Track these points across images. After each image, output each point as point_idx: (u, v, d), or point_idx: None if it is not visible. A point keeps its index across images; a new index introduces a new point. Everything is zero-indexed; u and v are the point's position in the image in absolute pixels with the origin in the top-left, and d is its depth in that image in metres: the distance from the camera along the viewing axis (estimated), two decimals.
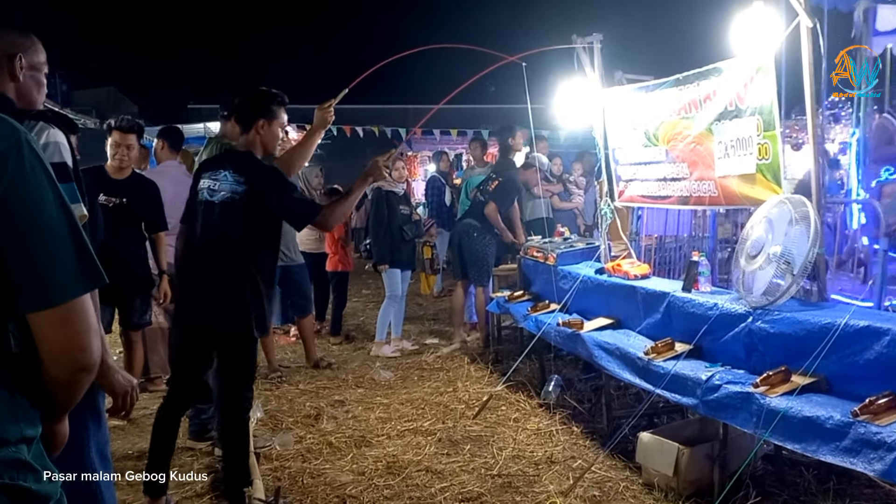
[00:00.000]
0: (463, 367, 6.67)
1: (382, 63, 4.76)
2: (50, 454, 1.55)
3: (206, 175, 3.81)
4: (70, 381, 1.52)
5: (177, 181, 6.03)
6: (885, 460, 2.75)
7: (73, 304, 1.45)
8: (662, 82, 5.09)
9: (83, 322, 1.47)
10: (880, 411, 2.92)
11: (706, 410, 3.72)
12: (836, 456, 2.95)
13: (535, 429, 4.99)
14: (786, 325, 3.60)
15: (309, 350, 6.93)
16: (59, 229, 1.45)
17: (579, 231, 9.13)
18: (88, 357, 1.50)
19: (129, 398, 2.26)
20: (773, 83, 4.09)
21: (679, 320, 4.39)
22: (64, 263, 1.45)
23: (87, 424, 2.19)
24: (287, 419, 5.33)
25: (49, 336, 1.45)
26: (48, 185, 1.46)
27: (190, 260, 3.85)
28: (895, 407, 2.94)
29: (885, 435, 2.79)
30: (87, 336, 1.48)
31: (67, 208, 1.48)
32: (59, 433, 1.64)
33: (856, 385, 3.22)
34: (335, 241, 7.99)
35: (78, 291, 1.46)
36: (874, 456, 2.80)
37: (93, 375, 1.54)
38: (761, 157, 4.22)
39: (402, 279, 7.40)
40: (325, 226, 3.83)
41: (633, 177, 5.63)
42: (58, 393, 1.54)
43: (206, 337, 3.77)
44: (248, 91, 3.95)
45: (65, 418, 1.64)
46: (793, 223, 3.72)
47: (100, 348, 1.52)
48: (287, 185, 3.74)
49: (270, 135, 3.85)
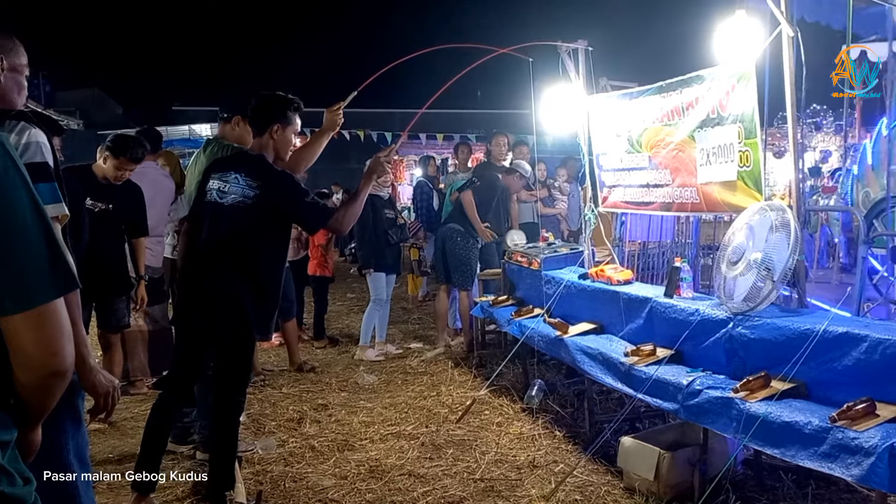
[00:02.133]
0: (447, 371, 6.66)
1: (393, 64, 4.74)
2: (23, 461, 1.53)
3: (216, 176, 3.80)
4: (42, 387, 1.49)
5: (155, 183, 6.02)
6: (863, 465, 2.77)
7: (46, 308, 1.43)
8: (646, 89, 5.12)
9: (55, 327, 1.44)
10: (858, 417, 2.94)
11: (687, 415, 3.74)
12: (815, 461, 2.97)
13: (517, 433, 4.99)
14: (766, 331, 3.62)
15: (293, 353, 6.92)
16: (32, 233, 1.43)
17: (563, 236, 9.15)
18: (60, 362, 1.47)
19: (110, 399, 2.25)
20: (754, 91, 4.13)
21: (661, 325, 4.41)
22: (36, 267, 1.43)
23: (66, 427, 2.17)
24: (270, 423, 5.31)
25: (20, 340, 1.42)
26: (22, 188, 1.44)
27: (195, 260, 3.83)
28: (872, 412, 2.96)
29: (862, 440, 2.82)
30: (59, 341, 1.45)
31: (41, 211, 1.46)
32: (32, 441, 1.61)
33: (834, 391, 3.25)
34: (317, 246, 7.97)
35: (51, 295, 1.44)
36: (852, 461, 2.83)
37: (66, 382, 1.51)
38: (742, 164, 4.25)
39: (386, 283, 7.40)
40: (340, 228, 3.85)
41: (616, 183, 5.65)
42: (30, 399, 1.51)
43: (208, 338, 3.76)
44: (265, 95, 3.95)
45: (38, 426, 1.61)
46: (773, 230, 3.75)
47: (72, 354, 1.49)
48: (300, 189, 3.74)
49: (284, 140, 3.86)
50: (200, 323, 3.75)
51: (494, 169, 7.83)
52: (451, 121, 22.66)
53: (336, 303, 9.14)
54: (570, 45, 5.76)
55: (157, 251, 6.02)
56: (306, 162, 4.40)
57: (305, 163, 4.41)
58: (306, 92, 4.22)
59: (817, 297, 5.21)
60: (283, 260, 3.90)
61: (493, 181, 7.60)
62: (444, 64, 5.13)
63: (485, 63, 5.40)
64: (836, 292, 5.39)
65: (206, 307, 3.72)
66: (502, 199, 7.65)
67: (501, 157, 8.08)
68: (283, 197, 3.67)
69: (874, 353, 3.10)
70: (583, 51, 5.75)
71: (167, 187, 6.09)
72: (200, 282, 3.75)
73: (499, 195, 7.56)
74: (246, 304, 3.67)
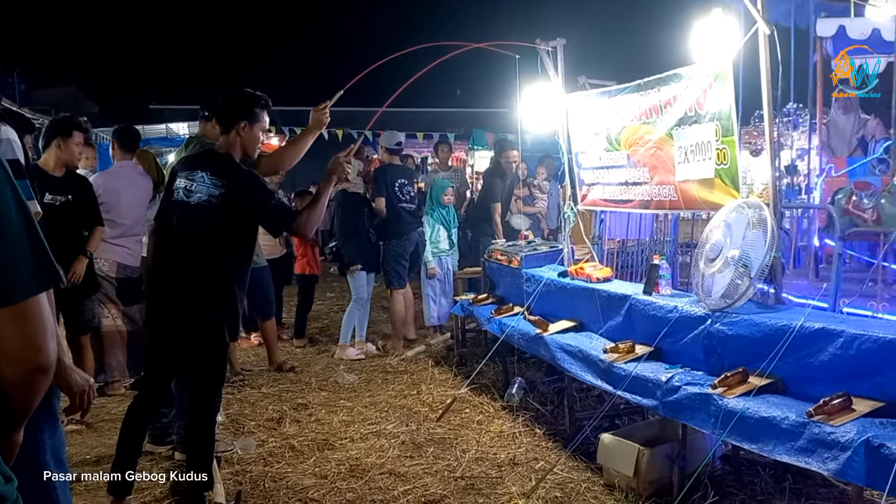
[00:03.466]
0: (427, 370, 6.67)
1: (377, 64, 4.70)
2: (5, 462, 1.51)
3: (183, 174, 3.77)
4: (26, 384, 1.49)
5: (132, 182, 5.97)
6: (839, 459, 2.81)
7: (29, 303, 1.42)
8: (624, 87, 5.14)
9: (39, 322, 1.44)
10: (834, 412, 2.98)
11: (666, 411, 3.76)
12: (792, 456, 3.00)
13: (498, 431, 5.00)
14: (743, 328, 3.65)
15: (272, 353, 6.88)
16: (16, 227, 1.42)
17: (543, 234, 9.17)
18: (44, 358, 1.46)
19: (86, 397, 2.23)
20: (731, 89, 4.16)
21: (640, 323, 4.43)
22: (21, 261, 1.42)
23: (42, 427, 2.14)
24: (249, 423, 5.28)
25: (4, 336, 1.42)
26: (5, 182, 1.43)
27: (163, 260, 3.81)
28: (848, 407, 2.99)
29: (838, 435, 2.85)
30: (43, 336, 1.45)
31: (24, 206, 1.45)
32: (15, 442, 1.60)
33: (811, 386, 3.29)
34: (305, 244, 7.93)
35: (34, 290, 1.43)
36: (828, 455, 2.86)
37: (49, 378, 1.50)
38: (720, 161, 4.28)
39: (367, 282, 7.38)
40: (303, 233, 3.78)
41: (595, 181, 5.68)
42: (14, 397, 1.50)
43: (178, 338, 3.74)
44: (232, 92, 3.92)
45: (22, 426, 1.60)
46: (750, 227, 3.78)
47: (55, 350, 1.49)
48: (266, 190, 3.71)
49: (251, 137, 3.82)
50: (171, 323, 3.73)
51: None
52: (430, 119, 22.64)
53: (316, 302, 9.09)
54: (547, 44, 5.77)
55: (135, 250, 5.96)
56: (290, 160, 4.38)
57: (289, 161, 4.39)
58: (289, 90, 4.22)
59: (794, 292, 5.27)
60: (249, 260, 3.86)
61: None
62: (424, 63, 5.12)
63: (464, 62, 5.40)
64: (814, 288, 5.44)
65: (175, 307, 3.70)
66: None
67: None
68: (248, 197, 3.64)
69: (850, 348, 3.13)
70: (561, 49, 5.76)
71: (144, 186, 6.04)
72: (168, 281, 3.72)
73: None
74: (213, 304, 3.65)
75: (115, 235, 5.82)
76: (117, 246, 5.86)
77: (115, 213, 5.79)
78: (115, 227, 5.80)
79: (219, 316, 3.67)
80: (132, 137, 6.23)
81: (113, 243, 5.82)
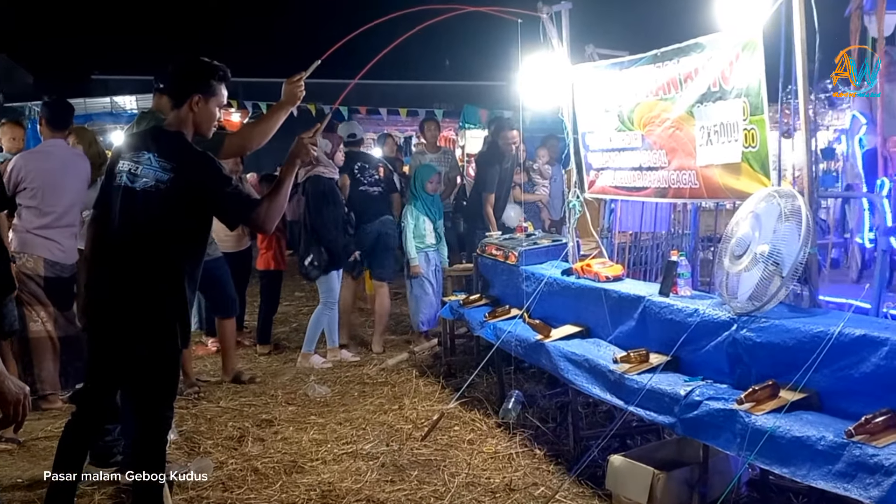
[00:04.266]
0: (411, 381, 6.66)
1: (362, 30, 4.68)
2: None
3: (127, 156, 3.72)
4: None
5: (66, 163, 5.87)
6: (883, 486, 2.81)
7: None
8: (638, 58, 5.13)
9: None
10: (877, 431, 2.98)
11: (685, 430, 3.76)
12: (829, 481, 3.00)
13: (492, 452, 5.00)
14: (774, 334, 3.65)
15: (228, 360, 6.82)
16: None
17: (544, 226, 9.18)
18: None
19: (21, 408, 2.21)
20: (761, 62, 4.15)
21: (655, 328, 4.43)
22: None
23: None
24: (206, 442, 5.26)
25: None
26: None
27: (103, 255, 3.76)
28: (894, 426, 3.00)
29: (882, 457, 2.85)
30: None
31: None
32: None
33: (851, 401, 3.29)
34: (270, 235, 7.87)
35: None
36: (871, 481, 2.86)
37: None
38: (747, 144, 4.28)
39: (337, 281, 7.35)
40: (263, 225, 3.74)
41: (605, 165, 5.67)
42: None
43: (122, 345, 3.70)
44: (184, 60, 3.86)
45: None
46: (782, 219, 3.78)
47: None
48: (221, 175, 3.65)
49: (206, 113, 3.77)
50: (113, 327, 3.69)
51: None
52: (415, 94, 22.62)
53: (282, 302, 9.08)
54: (550, 9, 5.75)
55: (68, 245, 5.86)
56: (260, 138, 4.35)
57: (258, 140, 4.36)
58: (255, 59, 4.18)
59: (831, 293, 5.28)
60: (202, 254, 3.83)
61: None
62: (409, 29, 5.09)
63: (455, 28, 5.36)
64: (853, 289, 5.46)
65: (118, 309, 3.66)
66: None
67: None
68: (200, 183, 3.59)
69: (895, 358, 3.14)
70: (566, 14, 5.75)
71: (81, 168, 5.97)
72: (110, 279, 3.68)
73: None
74: (162, 305, 3.62)
75: (40, 226, 5.73)
76: (45, 239, 5.76)
77: (41, 199, 5.71)
78: (42, 216, 5.72)
79: (169, 319, 3.63)
80: (63, 112, 6.12)
81: (39, 235, 5.74)
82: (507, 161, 8.41)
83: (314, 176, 7.21)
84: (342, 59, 4.60)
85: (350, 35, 4.60)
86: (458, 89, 25.90)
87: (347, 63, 4.92)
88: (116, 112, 15.18)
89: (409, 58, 21.06)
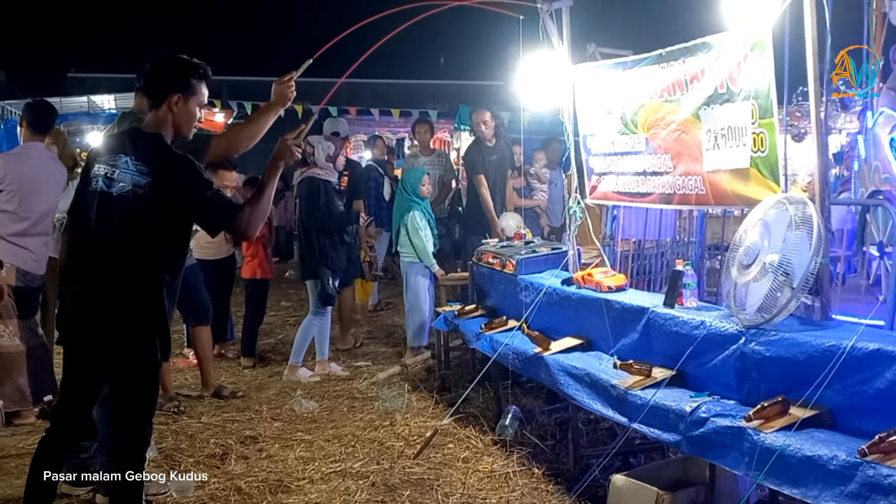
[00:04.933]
0: (403, 395, 6.66)
1: (356, 27, 4.71)
2: None
3: (103, 159, 3.72)
4: None
5: (42, 167, 5.87)
6: None
7: None
8: (642, 58, 5.15)
9: None
10: (892, 450, 2.98)
11: (690, 448, 3.76)
12: (841, 502, 3.00)
13: (488, 471, 5.00)
14: (784, 348, 3.66)
15: (206, 373, 6.80)
16: None
17: (543, 234, 9.18)
18: None
19: None
20: (770, 62, 4.16)
21: (659, 341, 4.44)
22: None
23: None
24: (186, 459, 5.26)
25: None
26: None
27: (79, 263, 3.76)
28: None
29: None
30: None
31: None
32: None
33: (864, 419, 3.29)
34: (255, 242, 7.86)
35: None
36: (885, 503, 2.86)
37: None
38: (756, 148, 4.29)
39: None
40: (246, 231, 3.74)
41: (607, 170, 5.68)
42: None
43: (98, 358, 3.69)
44: (163, 58, 3.87)
45: None
46: (792, 227, 3.79)
47: None
48: (201, 179, 3.66)
49: (186, 114, 3.77)
50: (89, 339, 3.69)
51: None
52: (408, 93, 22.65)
53: (268, 313, 9.07)
54: (550, 5, 5.76)
55: (39, 254, 5.84)
56: (248, 141, 4.35)
57: (246, 142, 4.36)
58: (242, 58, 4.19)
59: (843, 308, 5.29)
60: (181, 263, 3.84)
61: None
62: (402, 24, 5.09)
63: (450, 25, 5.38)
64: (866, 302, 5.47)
65: (94, 320, 3.65)
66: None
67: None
68: (179, 187, 3.60)
69: None
70: (566, 11, 5.76)
71: (58, 173, 5.98)
72: (87, 288, 3.68)
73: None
74: (141, 317, 3.62)
75: (16, 233, 5.72)
76: (18, 247, 5.75)
77: (18, 203, 5.71)
78: (19, 221, 5.71)
79: (148, 329, 3.63)
80: (46, 115, 6.13)
81: (13, 243, 5.72)
82: (491, 153, 8.40)
83: (308, 178, 7.22)
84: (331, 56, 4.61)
85: (344, 32, 4.62)
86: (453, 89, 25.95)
87: (337, 61, 4.92)
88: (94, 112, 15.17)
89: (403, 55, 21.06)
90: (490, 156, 8.36)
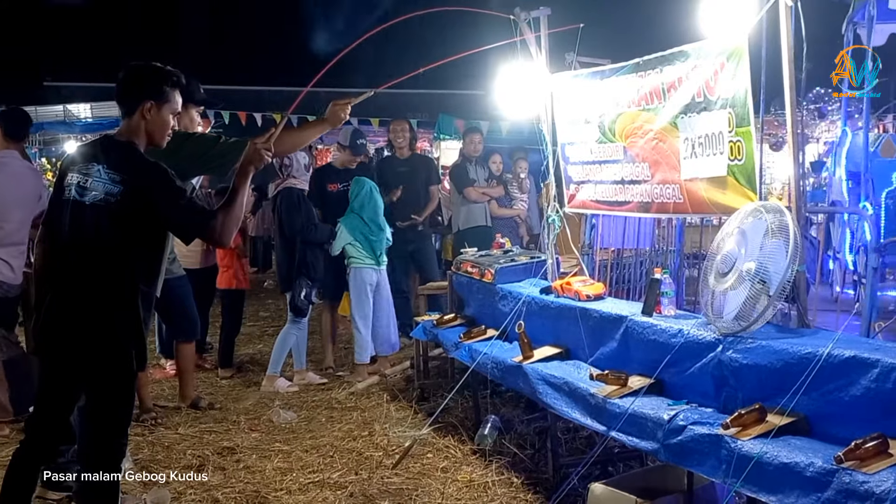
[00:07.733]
0: (381, 405, 6.64)
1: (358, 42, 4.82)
2: None
3: (76, 168, 3.71)
4: None
5: (18, 178, 5.84)
6: None
7: None
8: (620, 67, 5.18)
9: None
10: (868, 456, 3.00)
11: (668, 456, 3.77)
12: None
13: (467, 480, 4.99)
14: (761, 356, 3.68)
15: (186, 384, 6.75)
16: None
17: (522, 242, 9.19)
18: None
19: None
20: (747, 71, 4.20)
21: (638, 349, 4.46)
22: None
23: None
24: (163, 470, 5.21)
25: None
26: None
27: (53, 273, 3.74)
28: (885, 451, 3.01)
29: (872, 484, 2.87)
30: None
31: None
32: None
33: (840, 426, 3.32)
34: (230, 252, 7.85)
35: None
36: None
37: None
38: (733, 157, 4.33)
39: None
40: (221, 239, 3.74)
41: (585, 178, 5.71)
42: None
43: (73, 369, 3.67)
44: (136, 65, 3.87)
45: None
46: (769, 235, 3.81)
47: None
48: (174, 187, 3.65)
49: (159, 121, 3.77)
50: (65, 348, 3.67)
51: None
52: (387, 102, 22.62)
53: (245, 323, 9.04)
54: (528, 14, 5.79)
55: (15, 265, 5.80)
56: (290, 149, 4.49)
57: (289, 147, 4.56)
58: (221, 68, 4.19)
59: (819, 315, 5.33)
60: (157, 272, 3.83)
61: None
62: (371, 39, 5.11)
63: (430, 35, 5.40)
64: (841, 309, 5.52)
65: (69, 330, 3.64)
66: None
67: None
68: (151, 196, 3.60)
69: (887, 380, 3.16)
70: (544, 20, 5.79)
71: (34, 182, 5.95)
72: (61, 298, 3.66)
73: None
74: (115, 326, 3.61)
75: None
76: None
77: None
78: None
79: (123, 340, 3.61)
80: (22, 124, 6.12)
81: None
82: (400, 165, 8.75)
83: (286, 188, 7.21)
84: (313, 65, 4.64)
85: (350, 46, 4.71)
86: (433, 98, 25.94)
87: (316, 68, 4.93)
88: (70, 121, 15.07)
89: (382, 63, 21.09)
90: (399, 167, 8.59)
